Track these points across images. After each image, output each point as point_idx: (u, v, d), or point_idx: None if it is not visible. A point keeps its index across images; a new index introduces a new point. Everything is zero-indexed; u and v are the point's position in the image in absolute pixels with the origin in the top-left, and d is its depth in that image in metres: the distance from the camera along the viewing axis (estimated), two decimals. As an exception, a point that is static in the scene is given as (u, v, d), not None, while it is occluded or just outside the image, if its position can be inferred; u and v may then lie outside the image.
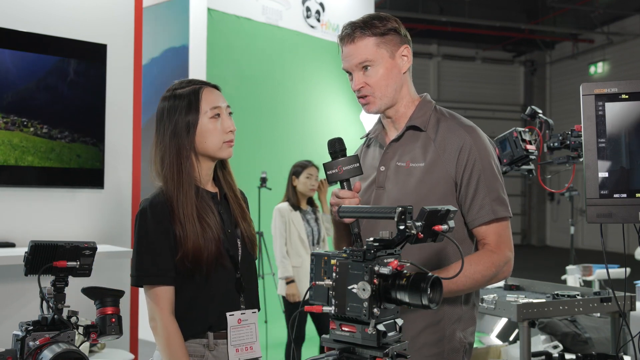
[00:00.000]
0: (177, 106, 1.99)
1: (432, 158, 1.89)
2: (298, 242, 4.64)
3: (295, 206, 4.71)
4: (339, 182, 1.83)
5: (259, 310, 2.07)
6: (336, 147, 1.82)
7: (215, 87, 2.07)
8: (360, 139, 2.18)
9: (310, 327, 4.83)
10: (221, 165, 2.11)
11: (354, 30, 1.90)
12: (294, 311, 4.54)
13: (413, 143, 1.94)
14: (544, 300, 3.05)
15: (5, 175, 3.51)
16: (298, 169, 4.77)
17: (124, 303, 3.81)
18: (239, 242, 2.04)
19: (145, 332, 4.44)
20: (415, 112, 1.96)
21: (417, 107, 1.97)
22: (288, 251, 4.68)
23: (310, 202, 4.84)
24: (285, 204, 4.74)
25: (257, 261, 2.18)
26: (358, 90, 1.94)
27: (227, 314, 1.94)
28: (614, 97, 1.73)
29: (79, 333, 1.71)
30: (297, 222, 4.66)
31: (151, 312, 1.93)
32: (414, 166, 1.90)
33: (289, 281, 4.70)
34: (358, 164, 1.81)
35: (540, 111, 3.08)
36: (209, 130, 1.98)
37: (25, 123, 3.57)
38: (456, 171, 1.86)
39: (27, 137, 3.57)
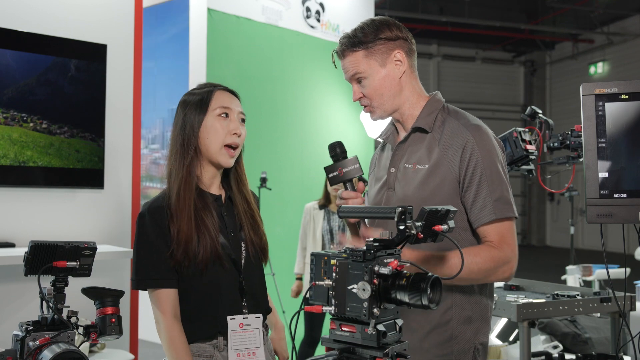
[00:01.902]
0: (190, 105, 2.02)
1: (436, 159, 1.88)
2: (312, 240, 4.73)
3: (322, 205, 4.76)
4: (342, 184, 1.85)
5: (267, 314, 2.06)
6: (337, 150, 1.84)
7: (233, 92, 2.09)
8: (376, 139, 2.20)
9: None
10: (233, 172, 2.10)
11: (343, 46, 1.95)
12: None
13: (419, 144, 1.94)
14: (544, 300, 3.05)
15: (5, 176, 3.51)
16: None
17: (124, 303, 3.81)
18: (242, 246, 2.03)
19: (145, 332, 4.46)
20: (422, 113, 1.96)
21: (424, 108, 1.97)
22: (307, 248, 4.79)
23: None
24: (314, 202, 4.86)
25: None
26: (359, 100, 1.99)
27: (228, 317, 1.94)
28: (614, 97, 1.73)
29: (79, 333, 1.71)
30: (317, 220, 4.75)
31: (155, 316, 1.94)
32: (420, 167, 1.90)
33: (297, 277, 4.90)
34: (358, 165, 1.82)
35: (540, 111, 3.08)
36: (214, 127, 1.99)
37: (24, 118, 3.57)
38: (459, 171, 1.86)
39: (27, 132, 3.58)
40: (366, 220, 2.02)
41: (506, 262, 1.82)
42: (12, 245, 3.52)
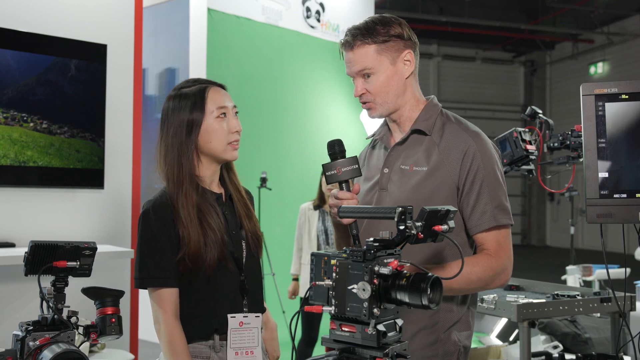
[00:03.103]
0: (182, 105, 1.96)
1: (435, 162, 1.88)
2: (307, 240, 4.73)
3: (317, 205, 4.76)
4: (337, 184, 1.82)
5: (262, 313, 2.05)
6: (335, 148, 1.79)
7: (222, 86, 2.05)
8: (366, 139, 2.17)
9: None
10: (226, 166, 2.08)
11: (354, 38, 1.88)
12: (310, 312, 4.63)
13: (417, 147, 1.93)
14: (544, 300, 3.05)
15: (5, 176, 3.52)
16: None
17: (124, 303, 3.81)
18: (243, 244, 2.02)
19: (145, 332, 4.46)
20: (421, 116, 1.95)
21: (422, 111, 1.96)
22: (303, 248, 4.80)
23: None
24: (308, 203, 4.85)
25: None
26: (359, 97, 1.94)
27: (229, 315, 1.93)
28: (614, 97, 1.73)
29: (79, 333, 1.71)
30: (312, 220, 4.75)
31: (155, 315, 1.92)
32: (417, 170, 1.89)
33: (293, 278, 4.90)
34: (357, 166, 1.78)
35: (540, 111, 3.08)
36: (215, 130, 1.95)
37: (25, 118, 3.57)
38: (459, 176, 1.85)
39: (27, 132, 3.58)
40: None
41: (503, 270, 1.83)
42: (12, 245, 3.52)
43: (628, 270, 3.48)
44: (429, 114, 1.95)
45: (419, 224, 1.28)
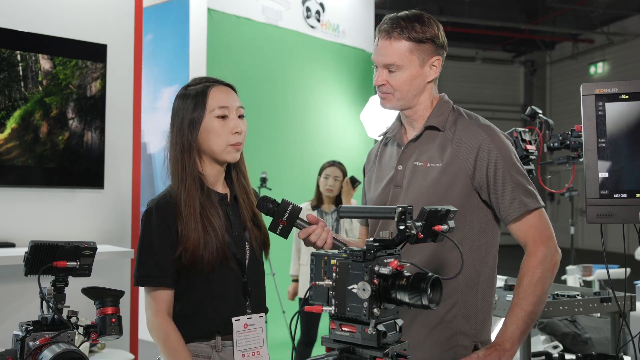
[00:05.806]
0: (186, 103, 1.96)
1: (449, 158, 1.89)
2: None
3: (315, 206, 4.74)
4: (297, 228, 1.87)
5: (266, 313, 2.05)
6: (269, 206, 1.84)
7: (230, 86, 2.03)
8: (378, 137, 2.18)
9: (323, 329, 4.83)
10: (235, 167, 2.06)
11: (393, 28, 1.89)
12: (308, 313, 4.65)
13: (431, 143, 1.94)
14: (544, 300, 3.05)
15: (5, 175, 3.51)
16: (320, 169, 4.81)
17: (124, 303, 3.81)
18: (247, 245, 2.01)
19: (145, 332, 4.45)
20: (433, 113, 1.97)
21: (435, 108, 1.98)
22: (301, 249, 4.80)
23: (338, 202, 4.82)
24: (306, 203, 4.84)
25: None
26: (378, 86, 1.95)
27: (233, 319, 1.92)
28: (614, 97, 1.73)
29: (79, 333, 1.71)
30: None
31: (149, 313, 1.93)
32: (432, 166, 1.91)
33: (293, 279, 4.90)
34: (291, 204, 1.83)
35: (540, 111, 3.08)
36: (214, 129, 1.93)
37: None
38: (479, 172, 1.87)
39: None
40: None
41: (550, 255, 1.87)
42: (12, 245, 3.52)
43: (628, 270, 3.48)
44: (441, 111, 1.97)
45: (419, 224, 1.28)
